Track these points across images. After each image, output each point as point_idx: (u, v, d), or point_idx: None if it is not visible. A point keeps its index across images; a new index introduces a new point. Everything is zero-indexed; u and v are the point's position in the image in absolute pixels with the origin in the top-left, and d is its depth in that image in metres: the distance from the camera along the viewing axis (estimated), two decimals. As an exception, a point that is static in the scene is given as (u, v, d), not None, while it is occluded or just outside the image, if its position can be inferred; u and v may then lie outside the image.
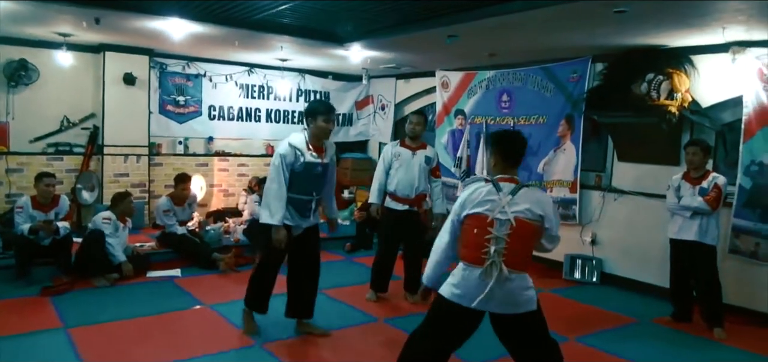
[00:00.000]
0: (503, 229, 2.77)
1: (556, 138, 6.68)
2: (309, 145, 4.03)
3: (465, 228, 2.87)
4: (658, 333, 4.82)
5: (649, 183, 5.84)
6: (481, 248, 2.78)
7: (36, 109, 7.23)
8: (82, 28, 6.08)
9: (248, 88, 8.79)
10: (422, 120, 5.43)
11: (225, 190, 8.69)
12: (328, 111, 4.09)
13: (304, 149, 4.02)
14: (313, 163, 4.04)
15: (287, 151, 3.97)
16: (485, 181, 2.92)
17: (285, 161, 3.96)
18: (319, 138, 4.08)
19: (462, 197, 2.95)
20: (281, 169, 3.96)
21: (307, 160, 4.00)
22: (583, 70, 6.35)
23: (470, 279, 2.80)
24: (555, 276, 6.48)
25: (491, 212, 2.79)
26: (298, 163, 3.98)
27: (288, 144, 4.00)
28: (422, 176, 5.27)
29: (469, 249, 2.83)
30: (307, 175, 4.03)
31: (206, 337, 4.28)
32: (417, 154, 5.27)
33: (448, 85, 8.08)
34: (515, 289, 2.81)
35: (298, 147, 4.00)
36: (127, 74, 7.44)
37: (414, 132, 5.32)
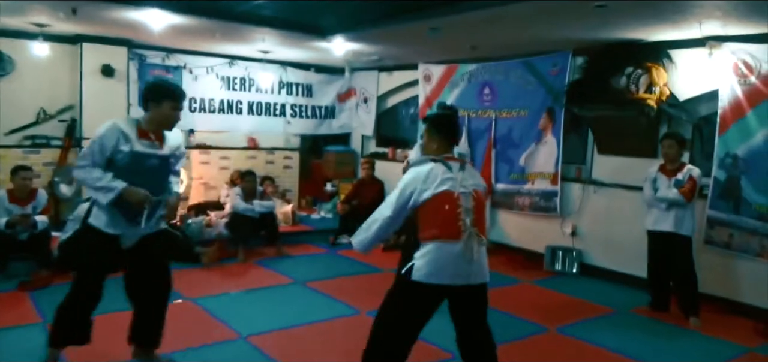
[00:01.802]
0: (469, 202, 2.89)
1: (538, 131, 6.75)
2: (143, 131, 3.21)
3: (433, 207, 2.86)
4: (636, 323, 4.92)
5: (628, 176, 5.94)
6: (456, 222, 2.85)
7: (11, 101, 7.08)
8: (59, 18, 5.98)
9: (230, 80, 8.71)
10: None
11: (206, 183, 8.62)
12: (179, 97, 3.29)
13: (134, 134, 3.17)
14: (145, 153, 3.18)
15: (107, 132, 3.11)
16: (432, 162, 2.95)
17: (101, 143, 3.10)
18: (161, 125, 3.27)
19: (413, 179, 2.90)
20: (92, 152, 3.11)
21: (135, 148, 3.14)
22: (563, 64, 6.42)
23: (448, 256, 2.84)
24: (536, 267, 6.56)
25: (455, 188, 2.87)
26: (121, 151, 3.11)
27: (112, 122, 3.17)
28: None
29: (443, 226, 2.86)
30: (136, 168, 3.16)
31: (189, 331, 4.26)
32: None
33: (431, 78, 8.10)
34: (484, 257, 2.95)
35: (125, 130, 3.15)
36: (105, 66, 7.33)
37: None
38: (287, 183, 9.39)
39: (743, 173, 5.06)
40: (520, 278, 6.21)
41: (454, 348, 4.05)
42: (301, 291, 5.42)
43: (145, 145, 3.19)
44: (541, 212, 6.80)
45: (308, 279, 5.74)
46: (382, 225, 2.95)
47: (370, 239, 2.99)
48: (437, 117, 3.24)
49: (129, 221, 3.20)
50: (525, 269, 6.53)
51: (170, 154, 3.35)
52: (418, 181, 2.89)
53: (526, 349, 4.25)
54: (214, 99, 8.59)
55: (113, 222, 3.19)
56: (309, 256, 6.83)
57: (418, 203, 2.88)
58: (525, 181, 6.95)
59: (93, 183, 3.10)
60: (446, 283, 2.86)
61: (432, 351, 4.04)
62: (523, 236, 7.08)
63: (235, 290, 5.34)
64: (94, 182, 3.09)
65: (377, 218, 2.97)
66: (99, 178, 3.09)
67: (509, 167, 7.12)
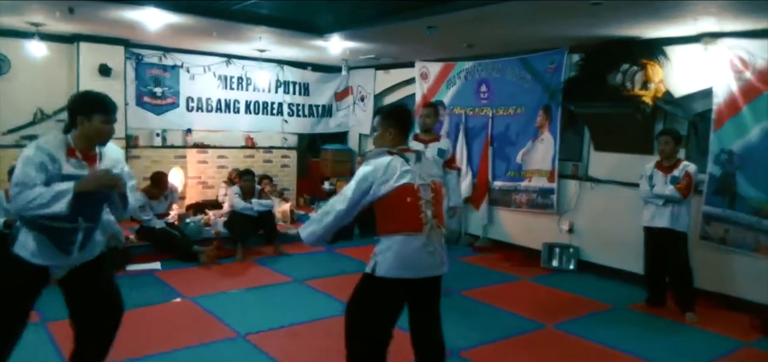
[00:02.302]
0: (428, 193, 2.90)
1: (535, 128, 6.76)
2: (72, 150, 2.78)
3: (394, 201, 2.83)
4: (633, 319, 4.95)
5: (624, 173, 5.96)
6: (418, 214, 2.85)
7: (8, 101, 7.08)
8: (55, 17, 5.98)
9: (227, 79, 8.72)
10: (433, 112, 5.41)
11: (204, 182, 8.63)
12: (111, 108, 2.85)
13: (62, 155, 2.74)
14: (75, 175, 2.73)
15: (34, 154, 2.68)
16: (389, 154, 2.91)
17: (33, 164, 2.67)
18: (92, 141, 2.84)
19: (372, 171, 2.85)
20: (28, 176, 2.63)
21: (64, 171, 2.72)
22: (559, 61, 6.44)
23: (412, 250, 2.83)
24: (533, 264, 6.58)
25: (414, 180, 2.87)
26: (53, 173, 2.69)
27: (36, 146, 2.72)
28: (435, 170, 5.21)
29: (405, 219, 2.84)
30: None
31: (188, 329, 4.27)
32: (429, 147, 5.17)
33: (428, 76, 8.12)
34: (444, 248, 2.98)
35: (51, 151, 2.72)
36: (102, 65, 7.34)
37: (424, 125, 5.31)
38: (285, 181, 9.40)
39: (738, 169, 5.09)
40: (517, 275, 6.23)
41: (453, 345, 4.08)
42: (300, 290, 5.44)
43: (76, 166, 2.77)
44: (538, 209, 6.82)
45: (306, 277, 5.76)
46: (334, 218, 2.90)
47: (321, 232, 2.94)
48: (391, 109, 3.25)
49: (59, 250, 2.80)
50: (522, 266, 6.55)
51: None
52: (377, 173, 2.84)
53: (524, 346, 4.27)
54: (211, 98, 8.60)
55: (41, 251, 2.77)
56: (307, 255, 6.83)
57: (378, 196, 2.83)
58: (522, 179, 6.97)
59: (41, 201, 2.62)
60: (412, 277, 2.87)
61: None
62: (521, 233, 7.10)
63: (234, 289, 5.35)
64: (42, 199, 2.62)
65: (329, 210, 2.91)
66: (43, 193, 2.63)
67: (506, 164, 7.14)
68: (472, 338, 4.30)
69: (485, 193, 7.32)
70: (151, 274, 5.67)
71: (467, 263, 6.75)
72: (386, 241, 2.86)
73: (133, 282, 5.37)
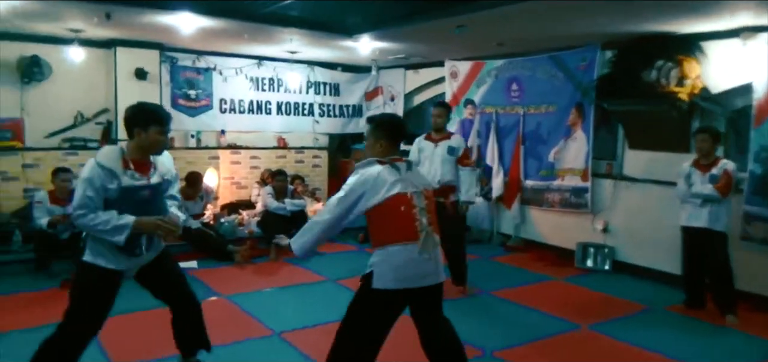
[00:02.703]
0: (421, 201, 2.89)
1: (567, 126, 6.68)
2: (127, 162, 2.98)
3: (388, 211, 2.81)
4: (671, 320, 4.85)
5: (660, 171, 5.85)
6: (413, 222, 2.84)
7: (49, 105, 7.31)
8: (93, 23, 6.14)
9: (258, 80, 8.83)
10: (443, 111, 5.40)
11: (238, 183, 8.75)
12: (166, 120, 3.08)
13: (119, 167, 2.94)
14: (134, 186, 2.97)
15: (91, 174, 2.88)
16: (379, 164, 2.89)
17: (91, 186, 2.87)
18: (148, 152, 3.06)
19: (361, 182, 2.83)
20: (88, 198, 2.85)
21: (123, 184, 2.93)
22: (592, 58, 6.35)
23: (410, 259, 2.82)
24: (567, 264, 6.51)
25: (407, 189, 2.85)
26: (109, 190, 2.90)
27: (95, 163, 2.92)
28: (445, 167, 5.22)
29: (400, 228, 2.83)
30: (127, 203, 2.94)
31: (224, 327, 4.35)
32: (439, 145, 5.26)
33: (457, 75, 8.09)
34: (439, 255, 2.96)
35: (108, 166, 2.92)
36: (138, 69, 7.51)
37: (436, 124, 5.33)
38: (316, 181, 9.47)
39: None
40: (550, 275, 6.17)
41: (485, 345, 4.08)
42: (332, 289, 5.49)
43: (133, 177, 2.98)
44: (571, 208, 6.74)
45: (339, 276, 5.81)
46: (323, 229, 2.90)
47: (310, 243, 2.95)
48: (382, 118, 3.22)
49: (129, 254, 3.01)
50: (555, 266, 6.48)
51: (161, 180, 3.15)
52: (367, 184, 2.82)
53: (559, 347, 4.23)
54: (243, 100, 8.72)
55: (113, 257, 2.98)
56: (339, 254, 6.90)
57: (369, 207, 2.81)
58: (555, 177, 6.89)
59: (103, 229, 2.87)
60: (410, 287, 2.83)
61: (467, 349, 4.05)
62: (553, 233, 7.03)
63: (268, 287, 5.43)
64: (104, 226, 2.86)
65: (318, 221, 2.93)
66: (106, 221, 2.87)
67: (538, 163, 7.07)
68: (505, 338, 4.28)
69: (517, 192, 7.27)
70: (186, 273, 5.77)
71: (499, 263, 6.71)
72: (382, 252, 2.84)
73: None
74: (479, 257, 6.95)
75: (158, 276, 3.27)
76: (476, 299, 5.29)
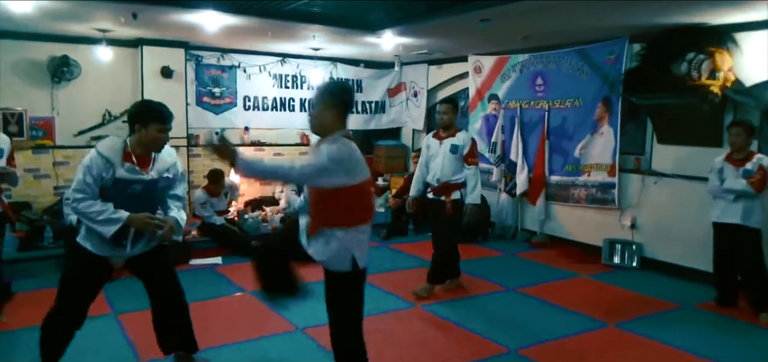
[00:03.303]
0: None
1: (593, 121, 6.57)
2: (129, 155, 3.05)
3: (360, 192, 2.76)
4: (702, 319, 4.74)
5: (691, 166, 5.71)
6: (372, 204, 2.94)
7: (79, 104, 7.46)
8: (120, 23, 6.24)
9: (282, 77, 8.88)
10: (450, 108, 5.15)
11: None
12: (167, 118, 3.10)
13: (118, 159, 3.01)
14: (127, 179, 3.02)
15: (91, 161, 2.98)
16: (347, 138, 2.78)
17: (90, 173, 2.96)
18: (148, 148, 3.11)
19: (347, 158, 2.69)
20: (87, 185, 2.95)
21: (117, 174, 2.99)
22: (619, 51, 6.22)
23: (366, 240, 2.85)
24: (593, 261, 6.40)
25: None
26: (104, 178, 2.98)
27: (96, 152, 3.02)
28: (447, 165, 5.02)
29: (365, 208, 2.84)
30: (118, 194, 3.01)
31: (249, 322, 4.38)
32: (444, 142, 5.08)
33: (481, 70, 8.02)
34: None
35: (107, 155, 2.99)
36: (164, 67, 7.61)
37: (442, 121, 5.13)
38: (339, 178, 9.49)
39: (818, 161, 4.77)
40: (576, 272, 6.07)
41: (510, 343, 4.04)
42: (355, 285, 5.47)
43: (128, 170, 3.03)
44: (597, 204, 6.62)
45: (362, 273, 5.79)
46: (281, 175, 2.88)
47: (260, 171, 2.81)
48: (341, 87, 3.13)
49: (115, 244, 3.06)
50: (581, 263, 6.38)
51: (158, 177, 3.15)
52: (352, 161, 2.71)
53: (585, 345, 4.16)
54: (267, 97, 8.78)
55: (100, 245, 3.06)
56: (362, 250, 6.89)
57: (348, 184, 2.68)
58: (580, 173, 6.79)
59: (95, 218, 2.95)
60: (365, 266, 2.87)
61: (490, 347, 4.03)
62: (579, 229, 6.92)
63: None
64: (96, 216, 2.95)
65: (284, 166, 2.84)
66: (100, 211, 2.96)
67: (564, 159, 6.97)
68: (530, 336, 4.22)
69: (542, 188, 7.18)
70: (212, 269, 5.85)
71: (524, 259, 6.63)
72: (350, 233, 2.75)
73: (195, 276, 5.56)
74: (503, 253, 6.88)
75: (149, 271, 3.31)
76: (501, 296, 5.24)
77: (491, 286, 5.47)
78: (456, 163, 5.01)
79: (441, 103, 5.34)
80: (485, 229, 7.66)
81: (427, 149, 5.23)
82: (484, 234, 7.59)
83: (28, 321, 4.23)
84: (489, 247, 7.17)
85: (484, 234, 7.59)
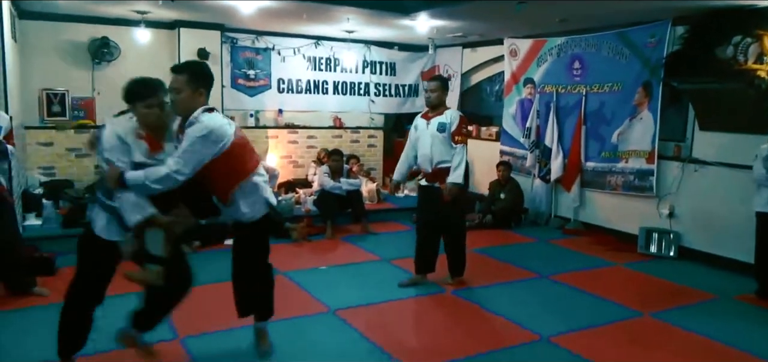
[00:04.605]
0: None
1: (632, 106, 6.41)
2: (139, 135, 2.93)
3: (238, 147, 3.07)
4: (741, 310, 4.61)
5: (734, 154, 5.53)
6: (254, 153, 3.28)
7: (118, 85, 7.34)
8: (158, 5, 6.34)
9: (315, 60, 8.90)
10: (438, 86, 4.71)
11: (294, 162, 8.91)
12: (150, 92, 2.92)
13: (133, 140, 2.90)
14: (145, 163, 2.90)
15: (113, 143, 2.88)
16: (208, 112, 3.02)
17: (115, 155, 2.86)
18: (151, 127, 2.96)
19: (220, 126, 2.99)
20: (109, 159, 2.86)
21: (136, 159, 2.88)
22: (662, 34, 6.04)
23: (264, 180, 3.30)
24: (629, 250, 6.28)
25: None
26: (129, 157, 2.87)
27: (113, 133, 2.92)
28: (437, 146, 4.65)
29: (250, 157, 3.20)
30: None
31: (282, 303, 4.40)
32: (431, 122, 4.69)
33: (517, 53, 7.89)
34: None
35: (124, 137, 2.89)
36: (200, 49, 7.71)
37: (429, 100, 4.74)
38: (371, 161, 9.51)
39: None
40: (611, 260, 5.97)
41: (542, 330, 4.01)
42: (386, 268, 5.51)
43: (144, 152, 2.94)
44: (634, 192, 6.48)
45: (393, 256, 5.82)
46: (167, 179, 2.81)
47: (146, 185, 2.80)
48: (200, 66, 3.36)
49: (124, 228, 2.91)
50: (617, 251, 6.27)
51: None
52: (218, 130, 2.96)
53: (619, 333, 4.09)
54: (300, 79, 8.82)
55: (108, 228, 2.94)
56: (393, 234, 6.91)
57: (227, 147, 2.99)
58: (618, 159, 6.64)
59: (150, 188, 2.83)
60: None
61: (522, 333, 4.00)
62: (615, 217, 6.79)
63: (324, 265, 5.50)
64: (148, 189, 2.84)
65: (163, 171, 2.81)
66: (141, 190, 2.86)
67: (600, 145, 6.82)
68: (562, 323, 4.18)
69: (577, 174, 7.06)
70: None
71: (557, 246, 6.55)
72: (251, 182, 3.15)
73: (230, 256, 5.66)
74: (536, 240, 6.80)
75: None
76: (533, 282, 5.19)
77: (524, 273, 5.42)
78: (445, 143, 4.63)
79: (429, 80, 4.94)
80: (518, 216, 7.58)
81: (415, 130, 4.86)
82: (517, 220, 7.52)
83: (71, 295, 4.40)
84: (522, 234, 7.10)
85: (517, 220, 7.52)
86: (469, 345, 3.81)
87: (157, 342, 3.61)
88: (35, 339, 3.62)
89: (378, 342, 3.78)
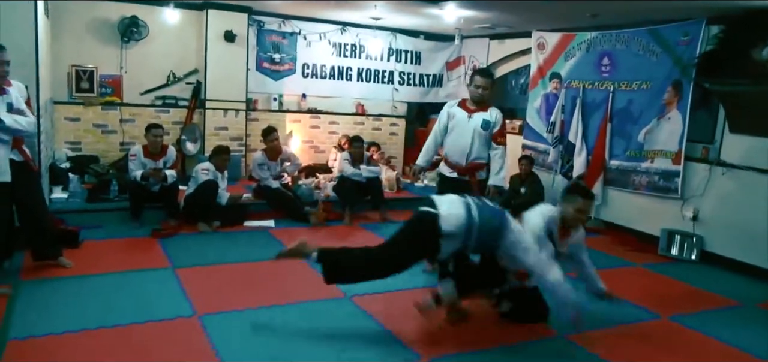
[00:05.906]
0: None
1: (661, 105, 6.29)
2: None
3: None
4: (763, 319, 4.51)
5: (764, 158, 5.39)
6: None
7: (145, 64, 7.73)
8: (188, -15, 6.40)
9: (341, 46, 8.90)
10: (490, 83, 4.65)
11: (316, 147, 8.95)
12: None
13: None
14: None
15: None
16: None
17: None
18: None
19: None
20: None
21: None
22: (695, 33, 5.90)
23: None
24: (649, 251, 6.19)
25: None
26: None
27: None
28: (477, 141, 4.68)
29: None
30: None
31: (300, 286, 4.48)
32: (474, 116, 4.66)
33: (545, 47, 7.79)
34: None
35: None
36: (227, 31, 7.77)
37: (480, 97, 4.64)
38: (392, 150, 9.51)
39: None
40: (631, 261, 5.89)
41: (558, 327, 3.97)
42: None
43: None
44: (659, 193, 6.37)
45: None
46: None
47: None
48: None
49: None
50: (637, 251, 6.18)
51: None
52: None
53: (635, 335, 4.04)
54: (325, 65, 8.84)
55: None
56: (412, 223, 6.89)
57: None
58: (643, 159, 6.53)
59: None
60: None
61: (538, 330, 3.99)
62: (637, 217, 6.69)
63: (341, 251, 5.52)
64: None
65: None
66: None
67: (626, 143, 6.71)
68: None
69: (600, 172, 6.96)
70: (265, 231, 6.00)
71: (577, 244, 6.47)
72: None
73: (250, 237, 5.73)
74: (556, 236, 6.73)
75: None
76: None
77: (542, 268, 5.37)
78: (485, 140, 4.67)
79: (480, 74, 4.77)
80: (538, 210, 7.50)
81: (450, 119, 4.76)
82: (537, 215, 7.44)
83: (93, 269, 4.50)
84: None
85: (537, 215, 7.44)
86: (487, 340, 3.80)
87: (175, 318, 3.68)
88: (58, 310, 3.71)
89: (393, 330, 3.80)
